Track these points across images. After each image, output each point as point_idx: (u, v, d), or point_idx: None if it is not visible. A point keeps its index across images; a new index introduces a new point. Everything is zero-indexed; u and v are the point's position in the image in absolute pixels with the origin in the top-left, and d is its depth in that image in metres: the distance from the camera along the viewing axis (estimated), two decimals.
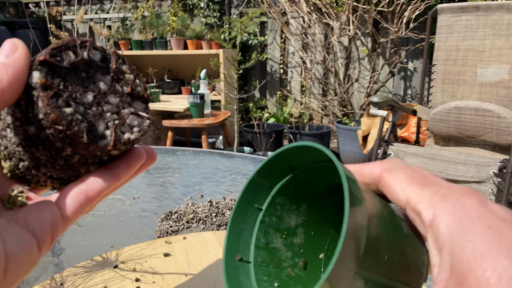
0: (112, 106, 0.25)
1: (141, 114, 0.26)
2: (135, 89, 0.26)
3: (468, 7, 1.67)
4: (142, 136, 0.26)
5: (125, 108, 0.26)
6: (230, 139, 3.03)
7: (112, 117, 0.25)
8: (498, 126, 1.59)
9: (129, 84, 0.26)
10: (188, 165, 0.90)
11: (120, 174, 0.26)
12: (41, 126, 0.22)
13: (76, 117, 0.23)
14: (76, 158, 0.24)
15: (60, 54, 0.23)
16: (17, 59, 0.21)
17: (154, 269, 0.48)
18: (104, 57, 0.26)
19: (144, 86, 0.27)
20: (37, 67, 0.22)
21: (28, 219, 0.22)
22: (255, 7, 3.47)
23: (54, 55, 0.23)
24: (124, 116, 0.25)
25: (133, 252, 0.52)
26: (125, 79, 0.26)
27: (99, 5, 4.27)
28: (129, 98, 0.26)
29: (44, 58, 0.22)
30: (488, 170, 1.41)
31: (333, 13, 2.96)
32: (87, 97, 0.24)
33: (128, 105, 0.26)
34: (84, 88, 0.24)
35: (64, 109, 0.22)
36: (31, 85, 0.22)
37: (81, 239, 0.58)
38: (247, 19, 2.64)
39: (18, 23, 4.27)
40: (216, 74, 3.13)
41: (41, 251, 0.22)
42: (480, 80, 1.67)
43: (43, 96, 0.21)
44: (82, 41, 0.24)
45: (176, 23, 3.22)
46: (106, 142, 0.24)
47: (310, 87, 3.47)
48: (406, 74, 3.30)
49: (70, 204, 0.24)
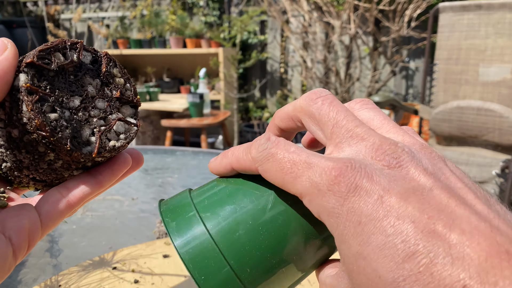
0: (99, 111, 0.24)
1: (129, 121, 0.26)
2: (125, 93, 0.26)
3: (470, 5, 1.66)
4: (128, 143, 0.25)
5: (113, 113, 0.25)
6: (229, 139, 3.02)
7: (98, 123, 0.24)
8: (501, 126, 1.58)
9: (118, 88, 0.26)
10: (187, 165, 0.89)
11: (104, 181, 0.25)
12: (24, 130, 0.22)
13: (60, 123, 0.22)
14: (59, 163, 0.23)
15: (49, 56, 0.22)
16: (4, 60, 0.21)
17: (153, 271, 0.47)
18: (95, 59, 0.25)
19: (134, 90, 0.27)
20: (24, 69, 0.21)
21: (6, 224, 0.22)
22: (255, 6, 3.47)
23: (42, 57, 0.22)
24: (111, 122, 0.25)
25: (132, 253, 0.51)
26: (115, 82, 0.26)
27: (98, 3, 4.26)
28: (117, 102, 0.26)
29: (31, 61, 0.21)
30: (490, 170, 1.40)
31: (334, 12, 2.95)
32: (74, 101, 0.23)
33: (116, 110, 0.25)
34: (71, 92, 0.23)
35: (48, 115, 0.22)
36: (16, 87, 0.21)
37: (80, 240, 0.57)
38: (247, 17, 2.63)
39: (16, 22, 4.26)
40: (215, 73, 3.12)
41: (17, 258, 0.22)
42: (482, 79, 1.66)
43: (27, 101, 0.21)
44: (72, 43, 0.24)
45: (175, 22, 3.21)
46: (90, 149, 0.23)
47: (311, 87, 3.46)
48: (407, 73, 3.29)
49: (50, 211, 0.23)
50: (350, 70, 3.28)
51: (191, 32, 3.18)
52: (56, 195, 0.24)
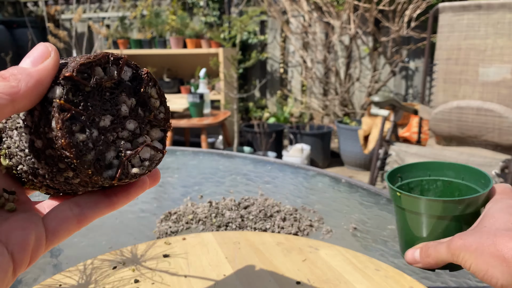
0: (128, 133, 0.23)
1: (156, 147, 0.24)
2: (157, 116, 0.25)
3: (469, 6, 1.66)
4: (150, 171, 0.24)
5: (141, 136, 0.24)
6: (229, 139, 3.02)
7: (125, 146, 0.23)
8: (500, 126, 1.58)
9: (152, 111, 0.24)
10: (187, 165, 0.89)
11: (118, 203, 0.25)
12: (48, 144, 0.21)
13: (87, 145, 0.21)
14: (77, 181, 0.23)
15: (89, 70, 0.21)
16: (44, 70, 0.20)
17: (153, 270, 0.47)
18: (134, 76, 0.24)
19: (167, 114, 0.25)
20: (61, 82, 0.20)
21: (10, 238, 0.20)
22: (255, 6, 3.47)
23: (82, 71, 0.21)
24: (138, 147, 0.23)
25: (132, 253, 0.51)
26: (150, 103, 0.24)
27: (98, 3, 4.26)
28: (148, 125, 0.24)
29: (70, 75, 0.20)
30: (490, 170, 1.40)
31: (334, 12, 2.95)
32: (105, 120, 0.22)
33: (145, 133, 0.24)
34: (104, 110, 0.22)
35: (76, 135, 0.21)
36: (49, 99, 0.20)
37: (80, 240, 0.57)
38: (247, 17, 2.63)
39: (16, 22, 4.26)
40: (215, 73, 3.12)
41: (16, 274, 0.21)
42: (482, 79, 1.66)
43: (58, 118, 0.20)
44: (115, 58, 0.22)
45: (175, 22, 3.21)
46: (111, 174, 0.22)
47: (311, 87, 3.46)
48: (407, 73, 3.29)
49: (57, 228, 0.22)
50: (350, 70, 3.28)
51: (191, 32, 3.18)
52: (66, 212, 0.23)
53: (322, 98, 3.40)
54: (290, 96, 3.57)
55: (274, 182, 0.77)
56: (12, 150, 0.23)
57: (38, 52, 0.20)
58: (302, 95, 3.60)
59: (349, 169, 2.93)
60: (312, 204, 0.67)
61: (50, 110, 0.20)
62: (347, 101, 3.20)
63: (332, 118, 3.36)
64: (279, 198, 0.69)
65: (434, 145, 1.82)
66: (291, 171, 0.83)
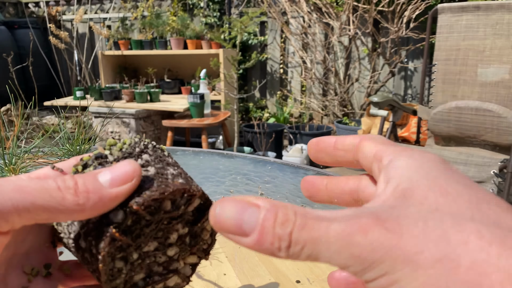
0: (165, 258, 0.22)
1: (185, 275, 0.24)
2: (201, 248, 0.24)
3: (468, 6, 1.67)
4: None
5: (177, 261, 0.23)
6: (230, 139, 3.03)
7: (157, 269, 0.22)
8: (499, 126, 1.59)
9: (199, 244, 0.23)
10: (188, 165, 0.90)
11: None
12: (89, 251, 0.20)
13: (120, 272, 0.21)
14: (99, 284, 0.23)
15: (158, 204, 0.20)
16: (118, 195, 0.19)
17: None
18: (199, 207, 0.22)
19: (212, 246, 0.24)
20: (126, 210, 0.19)
21: None
22: (255, 7, 3.47)
23: (150, 206, 0.20)
24: (169, 273, 0.23)
25: None
26: (201, 236, 0.23)
27: (99, 4, 4.27)
28: (189, 252, 0.23)
29: (137, 209, 0.19)
30: (488, 170, 1.41)
31: (333, 13, 2.96)
32: (149, 246, 0.21)
33: (181, 258, 0.23)
34: (154, 238, 0.21)
35: (116, 262, 0.20)
36: (109, 219, 0.19)
37: None
38: (247, 18, 2.64)
39: (18, 23, 4.27)
40: (216, 74, 3.13)
41: None
42: (481, 80, 1.67)
43: (106, 246, 0.19)
44: (189, 194, 0.21)
45: (176, 23, 3.22)
46: None
47: (310, 87, 3.47)
48: (406, 74, 3.30)
49: None
50: (349, 70, 3.28)
51: (192, 33, 3.19)
52: None
53: (321, 98, 3.40)
54: (289, 96, 3.58)
55: (274, 182, 0.78)
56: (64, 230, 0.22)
57: (122, 172, 0.19)
58: (302, 96, 3.61)
59: (349, 169, 2.94)
60: (312, 203, 0.67)
61: (103, 230, 0.19)
62: (346, 101, 3.21)
63: (331, 119, 3.37)
64: (279, 198, 0.69)
65: (433, 145, 1.83)
66: (291, 171, 0.84)
